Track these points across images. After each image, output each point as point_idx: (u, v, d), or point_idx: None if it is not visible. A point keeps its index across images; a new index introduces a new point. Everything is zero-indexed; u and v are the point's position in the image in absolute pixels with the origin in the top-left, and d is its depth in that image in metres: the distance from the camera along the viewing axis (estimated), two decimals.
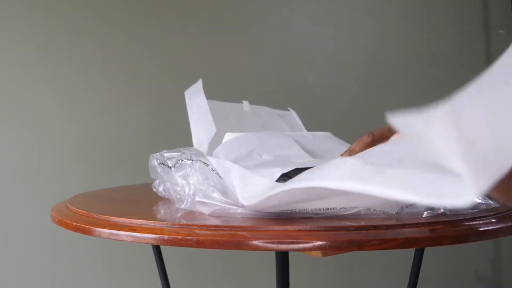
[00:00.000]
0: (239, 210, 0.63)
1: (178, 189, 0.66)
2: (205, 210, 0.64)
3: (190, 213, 0.70)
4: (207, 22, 1.72)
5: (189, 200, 0.65)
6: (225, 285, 1.72)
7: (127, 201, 0.87)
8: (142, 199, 0.89)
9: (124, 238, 0.60)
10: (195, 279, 1.68)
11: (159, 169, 0.69)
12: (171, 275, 1.09)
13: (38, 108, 1.51)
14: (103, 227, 0.62)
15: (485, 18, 2.32)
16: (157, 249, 1.05)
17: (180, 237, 0.57)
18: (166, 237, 0.57)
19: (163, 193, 0.77)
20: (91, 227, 0.63)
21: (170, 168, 0.67)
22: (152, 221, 0.60)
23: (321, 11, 1.91)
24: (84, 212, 0.70)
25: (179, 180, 0.66)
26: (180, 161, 0.67)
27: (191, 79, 1.69)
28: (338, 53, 1.82)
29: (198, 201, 0.65)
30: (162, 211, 0.75)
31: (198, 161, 0.65)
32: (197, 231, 0.57)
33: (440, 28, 2.03)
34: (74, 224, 0.66)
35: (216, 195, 0.64)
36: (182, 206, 0.66)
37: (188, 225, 0.59)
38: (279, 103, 1.84)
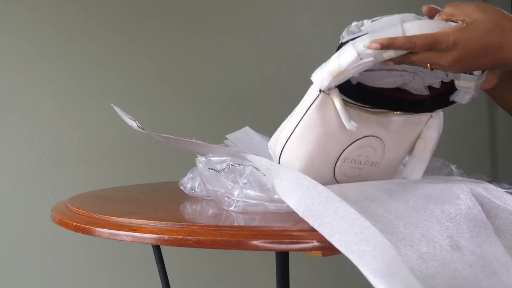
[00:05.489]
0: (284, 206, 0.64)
1: (226, 192, 0.67)
2: (253, 210, 0.65)
3: (192, 213, 0.70)
4: (207, 22, 1.72)
5: (238, 202, 0.66)
6: (225, 285, 1.72)
7: (127, 201, 0.87)
8: (142, 199, 0.89)
9: (124, 238, 0.60)
10: (195, 279, 1.68)
11: (207, 173, 0.69)
12: (171, 275, 1.09)
13: (38, 108, 1.51)
14: (103, 227, 0.62)
15: None
16: (157, 249, 1.05)
17: (180, 237, 0.57)
18: (166, 237, 0.57)
19: (192, 191, 0.78)
20: (91, 227, 0.63)
21: (219, 172, 0.68)
22: (152, 221, 0.60)
23: (321, 11, 1.91)
24: (84, 212, 0.70)
25: (228, 183, 0.67)
26: (230, 165, 0.68)
27: (191, 79, 1.69)
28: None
29: (246, 203, 0.66)
30: (163, 210, 0.75)
31: (250, 166, 0.67)
32: (197, 231, 0.57)
33: None
34: (74, 224, 0.66)
35: (264, 195, 0.65)
36: (231, 208, 0.66)
37: (188, 225, 0.59)
38: (279, 103, 1.84)
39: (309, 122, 0.68)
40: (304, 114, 0.68)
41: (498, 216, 0.61)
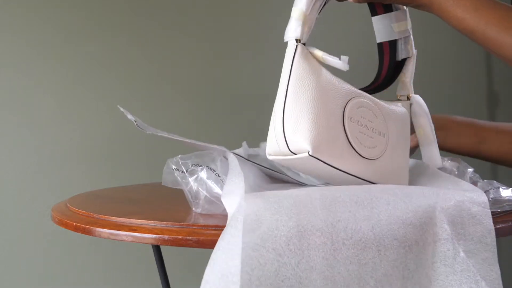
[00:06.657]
0: None
1: (191, 192, 0.67)
2: (213, 212, 0.65)
3: (192, 213, 0.70)
4: (206, 22, 1.72)
5: (203, 204, 0.65)
6: None
7: (127, 201, 0.87)
8: (142, 199, 0.89)
9: (124, 238, 0.60)
10: (195, 279, 1.68)
11: (176, 174, 0.69)
12: (171, 275, 1.09)
13: (38, 108, 1.51)
14: (103, 227, 0.62)
15: None
16: (157, 249, 1.05)
17: (180, 237, 0.57)
18: (166, 237, 0.57)
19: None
20: (91, 227, 0.63)
21: (185, 173, 0.68)
22: (152, 221, 0.60)
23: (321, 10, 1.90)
24: (84, 212, 0.70)
25: (193, 185, 0.66)
26: (192, 166, 0.68)
27: (191, 79, 1.69)
28: (338, 53, 1.81)
29: (211, 204, 0.65)
30: (163, 210, 0.75)
31: (205, 167, 0.66)
32: (197, 231, 0.57)
33: (440, 28, 2.03)
34: (74, 224, 0.66)
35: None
36: (198, 211, 0.66)
37: (188, 225, 0.59)
38: None
39: (299, 73, 0.66)
40: (291, 68, 0.67)
41: (439, 241, 0.57)
